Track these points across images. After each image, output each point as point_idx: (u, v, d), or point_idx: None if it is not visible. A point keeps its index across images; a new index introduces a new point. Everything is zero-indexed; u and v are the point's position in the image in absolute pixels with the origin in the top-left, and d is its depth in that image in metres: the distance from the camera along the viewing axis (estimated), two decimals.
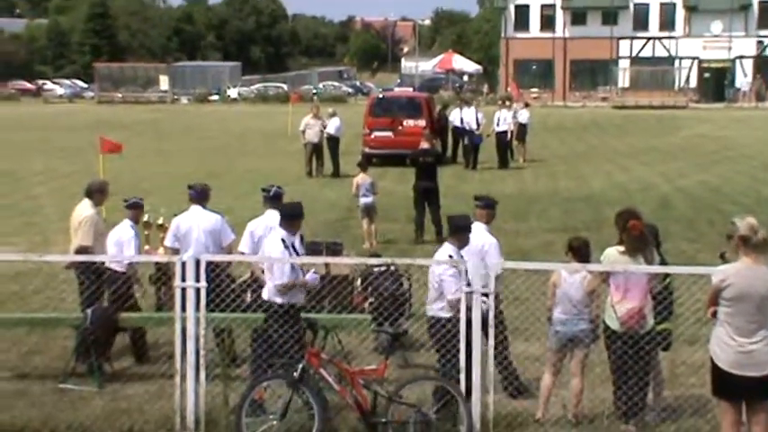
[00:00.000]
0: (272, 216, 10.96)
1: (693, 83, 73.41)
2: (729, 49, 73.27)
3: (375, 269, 12.40)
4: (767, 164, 32.22)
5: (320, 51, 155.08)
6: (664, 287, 9.27)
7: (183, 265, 9.06)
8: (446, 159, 33.67)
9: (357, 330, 10.98)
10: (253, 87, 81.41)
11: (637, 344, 8.80)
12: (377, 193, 19.03)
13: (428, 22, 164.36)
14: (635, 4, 75.28)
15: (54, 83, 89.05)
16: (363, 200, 18.51)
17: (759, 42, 73.50)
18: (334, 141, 30.43)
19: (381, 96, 37.16)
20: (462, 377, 8.82)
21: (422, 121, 32.46)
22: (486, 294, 8.68)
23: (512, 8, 77.63)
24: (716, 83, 73.10)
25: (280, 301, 9.56)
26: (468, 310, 8.65)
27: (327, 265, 12.48)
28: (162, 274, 11.94)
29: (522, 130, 33.69)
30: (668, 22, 74.76)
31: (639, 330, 8.84)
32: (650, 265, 8.95)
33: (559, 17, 76.60)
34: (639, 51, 75.33)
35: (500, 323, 9.73)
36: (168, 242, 11.66)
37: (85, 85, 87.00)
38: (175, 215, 11.96)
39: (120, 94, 75.45)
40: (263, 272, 10.81)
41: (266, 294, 9.73)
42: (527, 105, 36.13)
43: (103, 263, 11.39)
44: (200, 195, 11.64)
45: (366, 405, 8.78)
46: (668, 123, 50.69)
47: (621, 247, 9.26)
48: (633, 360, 8.84)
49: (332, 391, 8.90)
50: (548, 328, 9.71)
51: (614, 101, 68.09)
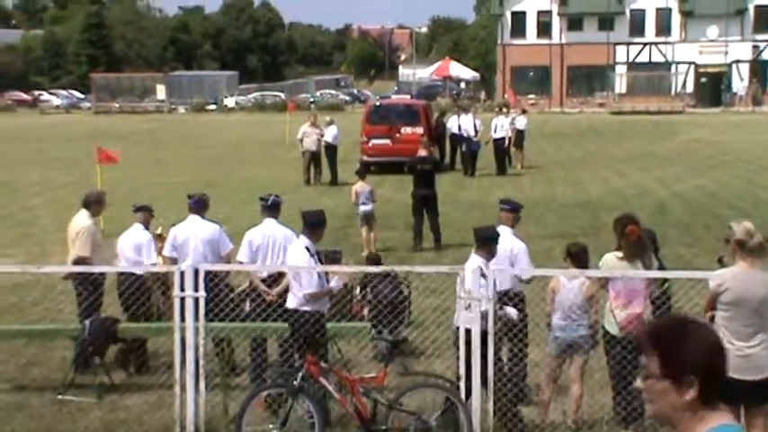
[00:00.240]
0: (269, 225, 10.97)
1: (690, 88, 73.47)
2: (725, 53, 73.36)
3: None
4: (764, 168, 32.25)
5: (317, 60, 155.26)
6: (662, 292, 9.29)
7: (182, 274, 9.07)
8: (444, 166, 33.71)
9: (356, 338, 10.97)
10: (250, 96, 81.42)
11: (636, 349, 8.81)
12: (376, 200, 19.04)
13: (425, 29, 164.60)
14: (631, 10, 75.39)
15: (51, 93, 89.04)
16: (362, 208, 18.53)
17: (755, 47, 73.60)
18: (331, 149, 30.44)
19: (379, 104, 37.19)
20: (462, 384, 8.82)
21: (419, 129, 32.46)
22: (519, 296, 8.70)
23: (508, 15, 77.71)
24: (712, 87, 73.17)
25: (309, 309, 9.56)
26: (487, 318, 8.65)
27: (326, 273, 12.48)
28: (161, 284, 11.92)
29: (520, 136, 33.71)
30: (664, 28, 74.85)
31: (638, 335, 8.84)
32: (649, 271, 8.96)
33: (556, 23, 76.68)
34: (636, 57, 75.42)
35: (524, 326, 9.79)
36: (167, 252, 11.66)
37: (82, 96, 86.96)
38: (174, 225, 11.96)
39: (117, 105, 75.44)
40: (261, 281, 10.84)
41: (293, 303, 9.68)
42: (524, 112, 36.15)
43: (102, 273, 11.38)
44: (198, 205, 11.64)
45: (366, 413, 8.77)
46: (665, 128, 50.73)
47: (620, 253, 9.28)
48: (632, 365, 8.84)
49: (332, 400, 8.89)
50: (547, 334, 9.72)
51: (611, 106, 68.13)
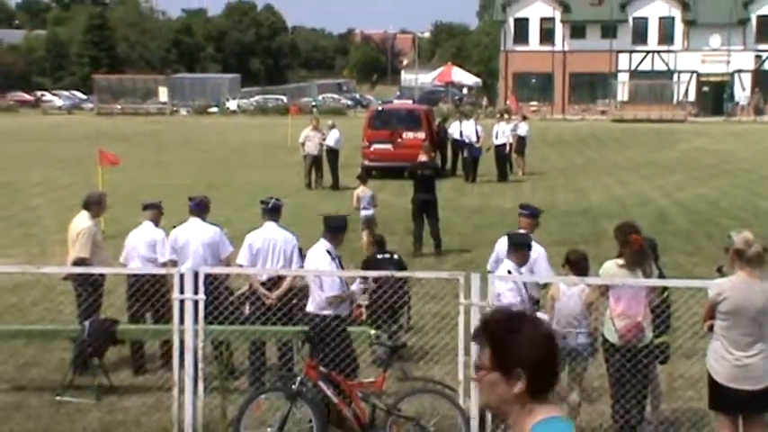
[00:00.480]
0: (270, 228, 10.97)
1: (692, 96, 73.51)
2: (728, 63, 73.42)
3: (378, 257, 12.48)
4: (765, 178, 32.25)
5: (320, 64, 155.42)
6: (662, 300, 9.29)
7: (182, 277, 9.07)
8: (445, 172, 33.74)
9: (355, 343, 10.96)
10: (252, 99, 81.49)
11: (635, 357, 8.81)
12: (377, 205, 19.05)
13: (427, 34, 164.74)
14: (634, 18, 75.45)
15: (53, 94, 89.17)
16: (364, 212, 18.53)
17: (757, 56, 73.64)
18: (333, 154, 30.45)
19: (381, 109, 37.20)
20: (461, 390, 8.82)
21: (421, 134, 32.47)
22: (537, 302, 8.71)
23: (511, 21, 77.77)
24: (714, 97, 73.20)
25: (329, 312, 9.57)
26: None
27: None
28: (150, 286, 11.91)
29: (521, 143, 33.73)
30: (667, 36, 74.90)
31: (638, 344, 8.84)
32: (649, 279, 8.96)
33: (559, 30, 76.73)
34: (638, 65, 75.46)
35: None
36: (166, 254, 11.67)
37: (84, 97, 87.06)
38: (174, 227, 11.97)
39: (120, 106, 75.55)
40: (261, 284, 10.85)
41: (313, 307, 9.69)
42: (525, 118, 36.17)
43: (101, 275, 11.38)
44: (199, 207, 11.65)
45: (364, 418, 8.77)
46: (667, 137, 50.75)
47: (620, 261, 9.29)
48: (631, 373, 8.84)
49: (330, 404, 8.89)
50: None
51: (613, 114, 68.17)
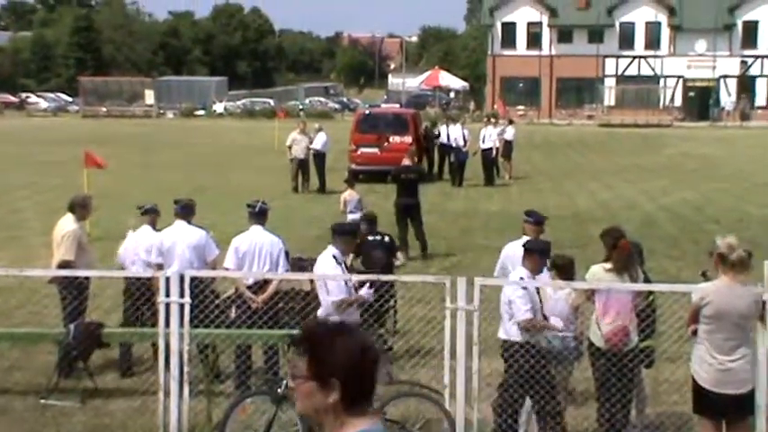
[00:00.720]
0: (256, 232, 10.95)
1: (678, 101, 73.84)
2: (714, 68, 73.77)
3: (369, 238, 12.51)
4: (751, 183, 32.40)
5: (307, 67, 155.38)
6: (647, 305, 9.31)
7: (168, 280, 9.06)
8: (432, 176, 33.78)
9: None
10: (239, 102, 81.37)
11: (620, 361, 8.83)
12: (364, 209, 19.03)
13: (415, 38, 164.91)
14: (621, 23, 75.72)
15: (38, 96, 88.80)
16: (351, 216, 18.51)
17: (743, 62, 74.00)
18: (320, 157, 30.44)
19: (368, 113, 37.16)
20: (446, 393, 8.82)
21: (408, 138, 32.49)
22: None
23: (498, 26, 77.93)
24: (700, 102, 73.51)
25: (337, 318, 9.57)
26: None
27: (312, 281, 12.49)
28: (146, 290, 11.89)
29: (508, 147, 33.79)
30: (653, 41, 75.19)
31: (623, 348, 8.86)
32: (635, 283, 8.99)
33: (546, 35, 76.94)
34: (625, 70, 75.73)
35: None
36: (153, 257, 11.64)
37: (70, 99, 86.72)
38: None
39: (105, 108, 75.27)
40: (247, 288, 10.83)
41: (322, 312, 9.73)
42: (512, 122, 36.22)
43: (86, 278, 11.34)
44: (185, 210, 11.63)
45: None
46: (653, 142, 50.93)
47: (608, 265, 9.32)
48: (617, 377, 8.85)
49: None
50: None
51: (600, 119, 68.37)
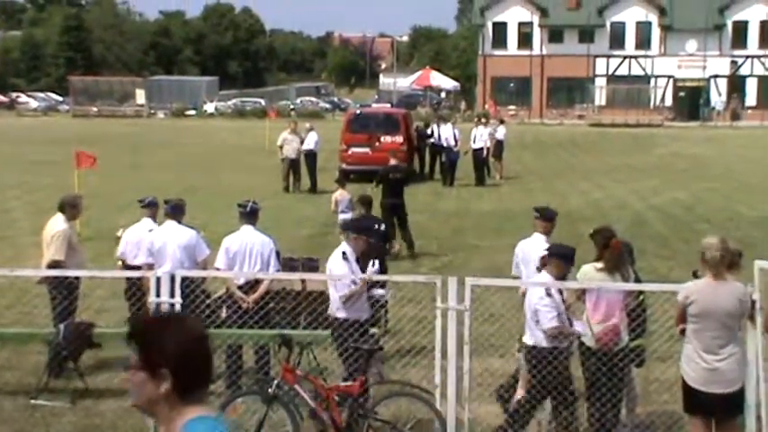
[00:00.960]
0: (247, 232, 10.94)
1: (669, 101, 74.00)
2: (704, 68, 73.94)
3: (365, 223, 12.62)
4: (741, 182, 32.50)
5: (298, 67, 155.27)
6: (638, 304, 9.32)
7: (158, 280, 9.04)
8: (423, 176, 33.81)
9: (333, 346, 10.94)
10: (230, 102, 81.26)
11: (611, 360, 8.84)
12: (355, 209, 19.02)
13: (406, 38, 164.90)
14: (611, 23, 75.84)
15: (28, 96, 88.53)
16: (342, 216, 18.49)
17: (733, 62, 74.20)
18: (311, 156, 30.42)
19: (359, 112, 37.13)
20: (437, 393, 8.82)
21: (399, 138, 32.51)
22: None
23: (489, 25, 77.98)
24: (691, 101, 73.67)
25: (342, 315, 9.59)
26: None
27: (303, 281, 12.51)
28: (137, 290, 11.89)
29: (499, 147, 33.82)
30: (644, 41, 75.33)
31: (614, 347, 8.88)
32: (625, 283, 9.00)
33: (537, 35, 77.01)
34: (616, 70, 75.85)
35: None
36: (142, 257, 11.65)
37: (60, 99, 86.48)
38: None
39: (96, 108, 75.07)
40: (238, 288, 10.82)
41: (331, 309, 9.86)
42: (502, 122, 36.26)
43: (77, 277, 11.32)
44: (175, 211, 11.62)
45: (341, 422, 8.76)
46: (644, 141, 51.03)
47: (599, 264, 9.34)
48: (607, 377, 8.86)
49: (307, 408, 8.87)
50: (520, 345, 9.72)
51: (591, 118, 68.48)
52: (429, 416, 8.84)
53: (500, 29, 77.78)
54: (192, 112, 76.14)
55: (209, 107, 78.05)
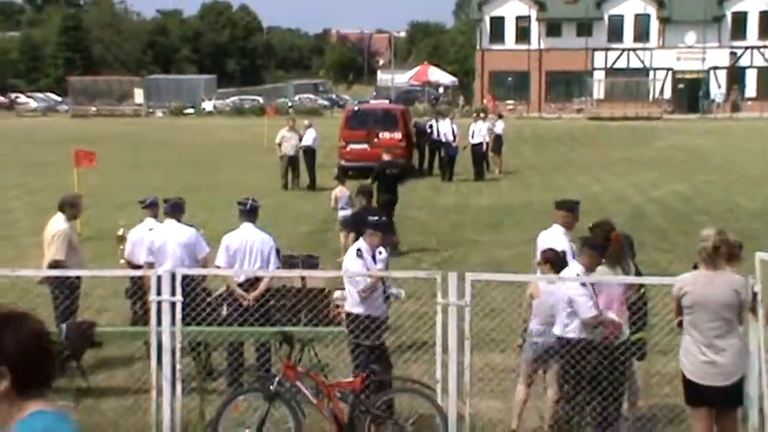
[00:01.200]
0: (247, 230, 10.95)
1: (668, 94, 73.93)
2: (703, 60, 73.88)
3: (369, 218, 12.71)
4: (741, 174, 32.50)
5: (296, 64, 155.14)
6: (638, 297, 9.34)
7: (159, 278, 9.06)
8: (423, 172, 33.83)
9: (334, 343, 10.97)
10: (228, 100, 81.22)
11: (612, 354, 8.85)
12: (355, 205, 19.03)
13: (403, 34, 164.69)
14: (609, 16, 75.78)
15: (28, 96, 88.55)
16: (342, 213, 18.51)
17: (732, 53, 74.14)
18: (310, 153, 30.42)
19: (357, 109, 37.11)
20: (439, 388, 8.84)
21: (398, 134, 32.53)
22: None
23: (487, 20, 77.94)
24: (690, 94, 73.59)
25: (358, 311, 9.64)
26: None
27: (303, 278, 12.54)
28: (138, 288, 11.91)
29: (498, 141, 33.84)
30: (643, 34, 75.27)
31: (615, 340, 8.89)
32: (626, 276, 9.01)
33: (534, 29, 76.95)
34: (614, 63, 75.80)
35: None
36: (143, 256, 11.67)
37: (59, 99, 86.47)
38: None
39: (95, 108, 75.08)
40: (239, 285, 10.83)
41: (348, 306, 9.94)
42: (501, 117, 36.31)
43: (78, 277, 11.33)
44: (174, 209, 11.63)
45: (343, 418, 8.77)
46: (643, 135, 51.02)
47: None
48: (608, 370, 8.87)
49: (309, 404, 8.89)
50: (521, 340, 9.75)
51: (589, 112, 68.44)
52: (430, 411, 8.85)
53: (498, 23, 77.73)
54: (191, 110, 76.11)
55: (207, 105, 78.01)
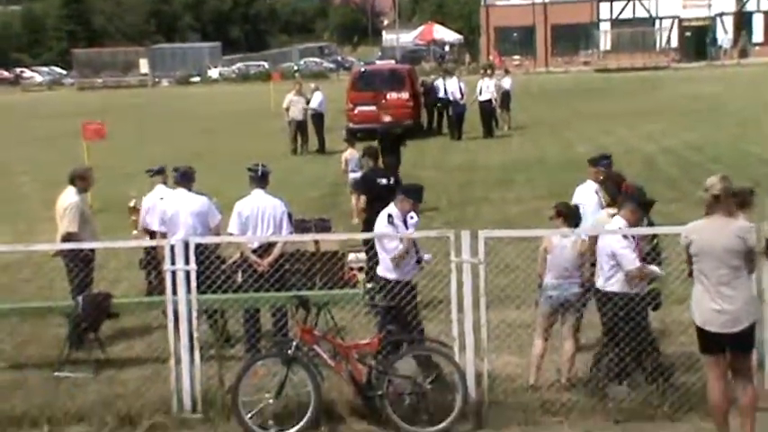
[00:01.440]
0: (258, 196, 10.94)
1: (674, 42, 73.31)
2: (709, 6, 73.10)
3: (378, 180, 12.82)
4: (750, 120, 32.29)
5: (300, 28, 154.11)
6: (652, 248, 9.33)
7: (173, 248, 9.07)
8: (431, 131, 33.74)
9: (349, 305, 11.01)
10: (233, 67, 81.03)
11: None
12: (363, 165, 19.00)
13: None
14: None
15: (33, 71, 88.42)
16: (352, 175, 18.50)
17: None
18: (318, 117, 30.35)
19: (364, 70, 36.90)
20: (456, 346, 8.86)
21: (405, 94, 32.42)
22: None
23: None
24: (697, 41, 72.93)
25: (391, 276, 9.64)
26: None
27: (317, 242, 12.56)
28: (151, 258, 11.95)
29: (506, 97, 33.69)
30: None
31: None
32: (638, 227, 9.00)
33: None
34: (620, 13, 75.10)
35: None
36: (155, 227, 11.70)
37: (64, 72, 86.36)
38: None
39: (100, 80, 75.06)
40: (252, 251, 10.85)
41: (381, 270, 9.91)
42: (508, 73, 36.13)
43: (92, 249, 11.36)
44: (184, 178, 11.63)
45: (361, 379, 8.82)
46: (651, 84, 50.71)
47: (612, 210, 9.36)
48: (624, 321, 8.89)
49: (327, 367, 8.93)
50: (538, 294, 9.77)
51: (596, 64, 68.04)
52: (448, 369, 8.89)
53: None
54: (197, 78, 75.97)
55: (212, 73, 77.89)
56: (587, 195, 10.65)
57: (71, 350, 10.62)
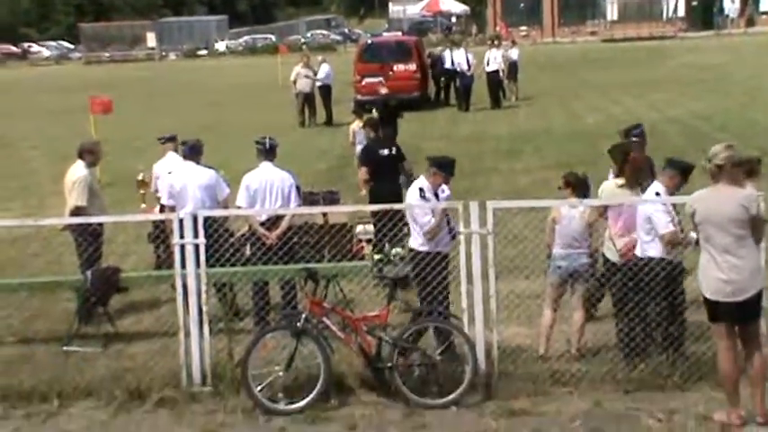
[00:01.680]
0: (267, 168, 10.92)
1: (681, 12, 72.77)
2: None
3: (379, 151, 12.95)
4: (756, 89, 32.12)
5: (307, 0, 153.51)
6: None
7: (181, 221, 9.07)
8: (439, 102, 33.66)
9: (358, 277, 11.00)
10: (241, 40, 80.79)
11: (636, 275, 8.84)
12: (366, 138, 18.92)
13: None
14: None
15: (40, 45, 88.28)
16: (360, 147, 18.42)
17: None
18: (325, 89, 30.27)
19: (371, 42, 36.78)
20: (465, 317, 8.86)
21: (412, 65, 32.33)
22: None
23: None
24: (704, 10, 72.37)
25: (425, 249, 9.62)
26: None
27: (325, 214, 12.55)
28: (160, 232, 11.95)
29: (513, 68, 33.56)
30: None
31: (639, 262, 8.87)
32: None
33: None
34: None
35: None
36: (164, 200, 11.70)
37: (72, 46, 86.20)
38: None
39: (108, 54, 74.97)
40: (260, 224, 10.84)
41: (414, 243, 9.82)
42: (515, 43, 35.98)
43: (100, 223, 11.36)
44: (192, 151, 11.62)
45: (371, 351, 8.82)
46: (658, 54, 50.43)
47: (620, 180, 9.32)
48: (633, 292, 8.88)
49: (336, 339, 8.93)
50: (547, 265, 9.75)
51: (603, 34, 67.68)
52: (458, 340, 8.89)
53: None
54: (204, 52, 75.79)
55: (220, 46, 77.69)
56: None
57: (80, 324, 10.64)
